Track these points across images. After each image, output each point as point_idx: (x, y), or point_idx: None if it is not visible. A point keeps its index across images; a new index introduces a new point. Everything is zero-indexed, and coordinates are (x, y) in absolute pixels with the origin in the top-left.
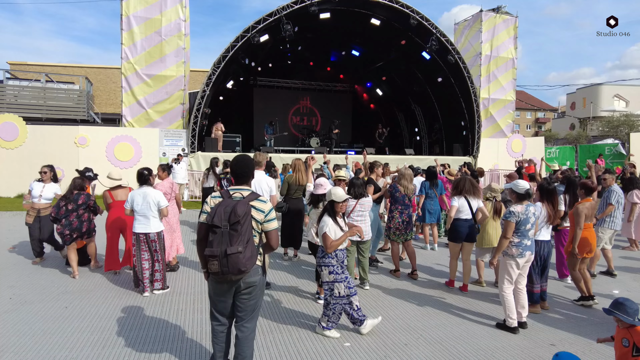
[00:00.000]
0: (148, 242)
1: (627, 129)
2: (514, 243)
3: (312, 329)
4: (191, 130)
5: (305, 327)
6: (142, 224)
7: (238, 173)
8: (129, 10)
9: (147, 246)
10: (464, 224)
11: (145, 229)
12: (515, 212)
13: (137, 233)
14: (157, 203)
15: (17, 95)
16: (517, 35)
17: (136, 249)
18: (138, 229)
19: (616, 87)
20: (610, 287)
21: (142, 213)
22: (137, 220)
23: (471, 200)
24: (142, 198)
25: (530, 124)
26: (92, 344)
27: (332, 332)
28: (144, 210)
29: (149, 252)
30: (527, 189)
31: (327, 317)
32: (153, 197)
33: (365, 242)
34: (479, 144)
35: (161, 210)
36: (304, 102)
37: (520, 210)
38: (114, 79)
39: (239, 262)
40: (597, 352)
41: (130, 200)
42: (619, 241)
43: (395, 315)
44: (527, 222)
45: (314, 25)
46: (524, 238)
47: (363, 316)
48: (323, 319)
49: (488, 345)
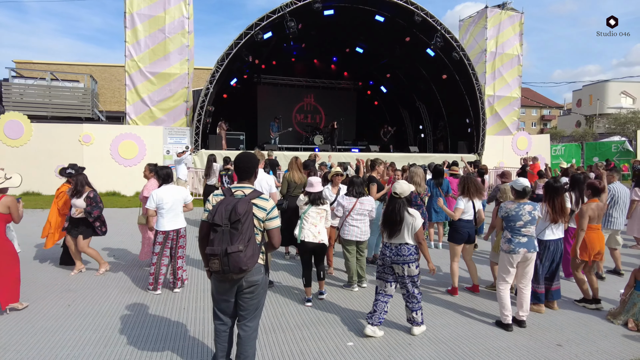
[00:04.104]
0: (178, 237)
1: (634, 126)
2: (506, 239)
3: (315, 329)
4: (195, 128)
5: (308, 326)
6: (172, 221)
7: (241, 169)
8: (132, 8)
9: (171, 243)
10: (466, 225)
11: (176, 225)
12: (504, 207)
13: (167, 231)
14: (184, 198)
15: (22, 93)
16: (522, 31)
17: (161, 247)
18: (167, 226)
19: (623, 83)
20: (617, 287)
21: (172, 210)
22: (164, 218)
23: (475, 202)
24: (171, 196)
25: (536, 122)
26: (94, 342)
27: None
28: (174, 207)
29: (169, 250)
30: (525, 186)
31: (421, 310)
32: (181, 193)
33: (363, 241)
34: (484, 142)
35: (187, 204)
36: (308, 100)
37: (510, 206)
38: (118, 77)
39: (239, 260)
40: (605, 352)
41: (157, 199)
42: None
43: (399, 315)
44: (517, 219)
45: (318, 22)
46: (515, 235)
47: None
48: (418, 315)
49: (493, 346)
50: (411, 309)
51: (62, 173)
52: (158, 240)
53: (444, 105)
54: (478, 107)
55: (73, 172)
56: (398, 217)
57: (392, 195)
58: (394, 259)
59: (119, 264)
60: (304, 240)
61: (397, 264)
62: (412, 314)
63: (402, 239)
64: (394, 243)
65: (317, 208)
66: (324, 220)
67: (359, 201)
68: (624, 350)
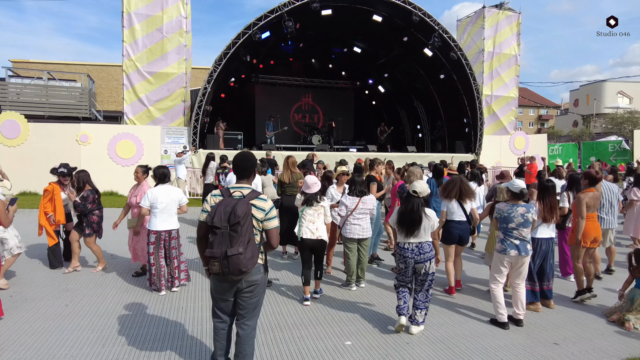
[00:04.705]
0: (169, 239)
1: (630, 126)
2: (499, 239)
3: (313, 328)
4: (192, 128)
5: (306, 325)
6: (166, 222)
7: (240, 169)
8: (130, 7)
9: (164, 244)
10: (456, 226)
11: (169, 226)
12: (497, 208)
13: (159, 231)
14: (179, 200)
15: (19, 93)
16: (520, 31)
17: (155, 247)
18: (160, 226)
19: (620, 83)
20: (613, 286)
21: (166, 210)
22: (157, 217)
23: (464, 204)
24: (166, 196)
25: (533, 121)
26: (92, 342)
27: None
28: (169, 207)
29: (164, 251)
30: (522, 188)
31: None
32: (176, 194)
33: (365, 239)
34: (482, 141)
35: (182, 206)
36: (305, 99)
37: (502, 207)
38: (115, 77)
39: (239, 262)
40: (601, 351)
41: (152, 198)
42: (621, 238)
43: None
44: (509, 221)
45: (316, 21)
46: (507, 236)
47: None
48: (422, 314)
49: (491, 344)
50: (417, 307)
51: (54, 172)
52: (150, 240)
53: (441, 105)
54: (476, 107)
55: (65, 171)
56: (417, 216)
57: (410, 194)
58: (417, 258)
59: (117, 264)
60: (302, 237)
61: (421, 263)
62: (415, 311)
63: (422, 237)
64: (413, 242)
65: (315, 206)
66: (322, 216)
67: (362, 200)
68: (620, 349)
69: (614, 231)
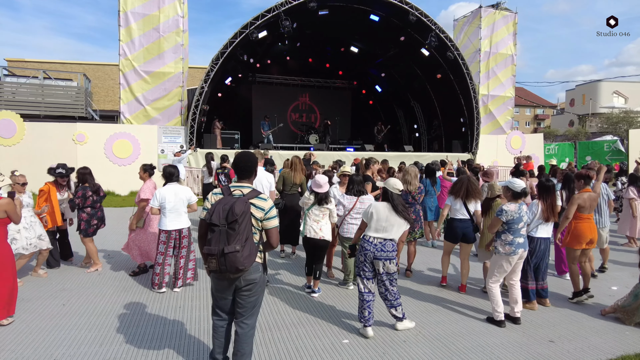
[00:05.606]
0: (180, 238)
1: (626, 126)
2: (507, 241)
3: (311, 326)
4: (189, 127)
5: (304, 324)
6: (175, 221)
7: (240, 169)
8: (126, 6)
9: (174, 243)
10: (459, 224)
11: (179, 225)
12: (508, 211)
13: (169, 230)
14: (188, 199)
15: (14, 92)
16: (516, 31)
17: (165, 247)
18: (170, 225)
19: (615, 83)
20: (608, 284)
21: (175, 210)
22: (167, 217)
23: (468, 203)
24: (174, 195)
25: (530, 121)
26: (89, 341)
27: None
28: (177, 206)
29: (173, 250)
30: (524, 187)
31: (401, 307)
32: (184, 193)
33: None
34: (478, 141)
35: (191, 205)
36: (303, 99)
37: (513, 209)
38: (112, 76)
39: (236, 260)
40: (596, 348)
41: (160, 197)
42: (618, 237)
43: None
44: (520, 221)
45: (313, 21)
46: (516, 236)
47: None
48: (399, 310)
49: (487, 342)
50: (390, 306)
51: (51, 172)
52: (162, 239)
53: (438, 104)
54: (472, 107)
55: (63, 171)
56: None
57: (386, 190)
58: (377, 254)
59: (114, 263)
60: (306, 235)
61: (379, 260)
62: (391, 310)
63: (389, 234)
64: (378, 238)
65: (321, 207)
66: (326, 217)
67: (359, 200)
68: (614, 346)
69: (607, 230)
